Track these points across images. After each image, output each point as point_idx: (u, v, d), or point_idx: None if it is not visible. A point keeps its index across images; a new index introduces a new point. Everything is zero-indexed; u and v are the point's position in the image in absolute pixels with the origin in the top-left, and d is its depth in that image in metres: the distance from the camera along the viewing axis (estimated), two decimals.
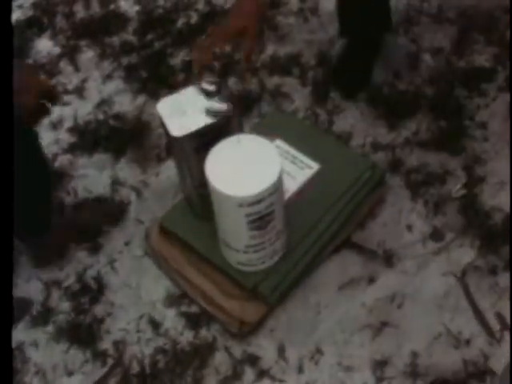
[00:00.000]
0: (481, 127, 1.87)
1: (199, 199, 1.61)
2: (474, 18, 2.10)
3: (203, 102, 1.52)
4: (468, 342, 1.53)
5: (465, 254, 1.67)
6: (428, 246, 1.69)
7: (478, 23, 2.09)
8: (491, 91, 1.93)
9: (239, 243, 1.51)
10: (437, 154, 1.83)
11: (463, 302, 1.60)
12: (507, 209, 1.71)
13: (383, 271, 1.66)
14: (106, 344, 1.61)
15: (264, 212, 1.42)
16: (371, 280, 1.65)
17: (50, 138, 1.97)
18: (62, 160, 1.93)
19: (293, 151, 1.75)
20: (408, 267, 1.66)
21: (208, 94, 1.53)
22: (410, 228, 1.72)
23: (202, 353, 1.57)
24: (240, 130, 1.58)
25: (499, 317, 1.57)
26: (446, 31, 2.09)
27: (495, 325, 1.55)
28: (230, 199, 1.38)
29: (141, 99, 2.04)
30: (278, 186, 1.41)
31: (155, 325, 1.63)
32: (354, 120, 1.92)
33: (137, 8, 2.25)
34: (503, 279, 1.61)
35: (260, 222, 1.44)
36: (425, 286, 1.63)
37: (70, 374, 1.58)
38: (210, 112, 1.45)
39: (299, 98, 1.98)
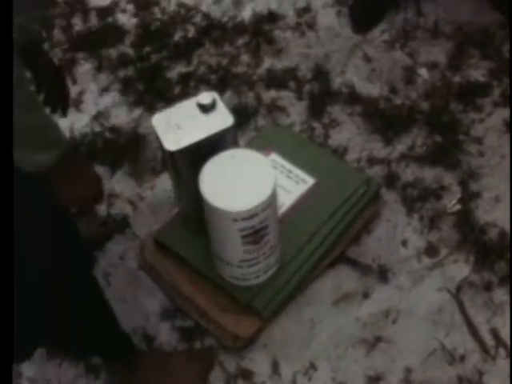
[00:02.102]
0: (476, 142, 1.87)
1: (194, 213, 1.60)
2: (470, 33, 2.11)
3: (198, 117, 1.52)
4: (462, 358, 1.53)
5: (459, 269, 1.66)
6: (423, 262, 1.69)
7: (474, 38, 2.09)
8: (486, 106, 1.94)
9: (233, 257, 1.51)
10: (432, 169, 1.83)
11: (458, 318, 1.59)
12: (502, 224, 1.71)
13: (378, 286, 1.66)
14: (97, 359, 1.60)
15: (258, 227, 1.42)
16: (366, 295, 1.65)
17: None
18: None
19: (288, 165, 1.75)
20: (403, 282, 1.66)
21: (203, 109, 1.53)
22: (404, 243, 1.72)
23: None
24: (235, 144, 1.58)
25: (494, 333, 1.56)
26: (442, 46, 2.10)
27: (490, 341, 1.55)
28: (223, 214, 1.38)
29: (137, 112, 2.04)
30: (271, 201, 1.40)
31: (149, 339, 1.62)
32: (349, 134, 1.92)
33: (134, 21, 2.26)
34: (498, 295, 1.61)
35: (254, 236, 1.44)
36: (419, 301, 1.63)
37: None
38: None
39: (295, 111, 1.99)
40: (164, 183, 1.85)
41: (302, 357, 1.57)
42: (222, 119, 1.52)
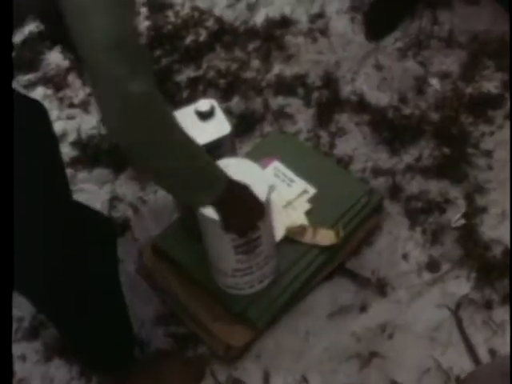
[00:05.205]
0: (485, 155, 1.83)
1: (192, 220, 1.59)
2: (486, 43, 2.06)
3: (196, 124, 1.52)
4: (458, 378, 1.50)
5: (460, 286, 1.63)
6: (423, 277, 1.65)
7: (489, 48, 2.05)
8: (498, 119, 1.89)
9: (227, 267, 1.49)
10: (438, 182, 1.80)
11: (456, 336, 1.56)
12: (507, 241, 1.67)
13: (375, 300, 1.63)
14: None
15: (250, 237, 1.40)
16: (363, 308, 1.62)
17: None
18: None
19: (290, 174, 1.73)
20: (401, 297, 1.63)
21: (202, 116, 1.53)
22: (405, 257, 1.69)
23: None
24: (233, 152, 1.57)
25: (492, 354, 1.52)
26: (456, 56, 2.06)
27: (488, 362, 1.51)
28: (215, 223, 1.36)
29: None
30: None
31: (142, 344, 1.61)
32: (356, 143, 1.90)
33: (147, 23, 2.26)
34: (498, 314, 1.57)
35: (246, 246, 1.42)
36: (417, 317, 1.60)
37: None
38: None
39: (302, 119, 1.96)
40: None
41: (294, 369, 1.55)
42: (219, 127, 1.52)
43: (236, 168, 1.43)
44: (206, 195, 1.21)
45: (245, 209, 1.30)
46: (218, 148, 1.49)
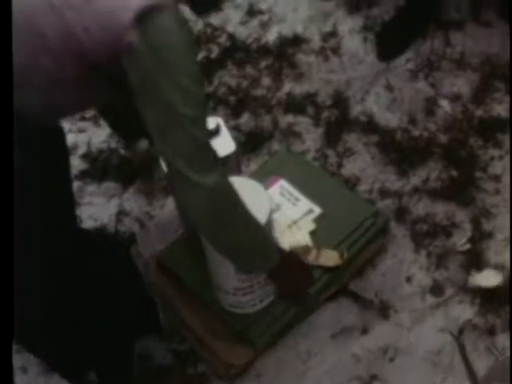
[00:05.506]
0: (493, 180, 1.82)
1: (196, 238, 1.60)
2: (497, 65, 2.05)
3: None
4: None
5: (464, 311, 1.62)
6: (426, 300, 1.64)
7: (501, 71, 2.04)
8: (507, 143, 1.88)
9: (227, 285, 1.50)
10: (445, 205, 1.79)
11: (458, 362, 1.55)
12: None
13: (378, 322, 1.62)
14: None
15: None
16: (365, 330, 1.61)
17: None
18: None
19: (296, 193, 1.73)
20: (404, 320, 1.62)
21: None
22: (409, 280, 1.68)
23: None
24: (238, 170, 1.58)
25: None
26: (467, 78, 2.05)
27: None
28: None
29: None
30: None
31: (143, 358, 1.62)
32: (363, 164, 1.89)
33: None
34: (501, 340, 1.56)
35: None
36: (419, 341, 1.59)
37: None
38: None
39: (311, 138, 1.97)
40: (173, 203, 1.85)
41: None
42: (225, 145, 1.52)
43: (239, 187, 1.43)
44: (265, 264, 1.35)
45: (295, 275, 1.43)
46: (224, 166, 1.49)
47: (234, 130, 1.98)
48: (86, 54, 1.06)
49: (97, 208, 1.89)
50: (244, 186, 1.43)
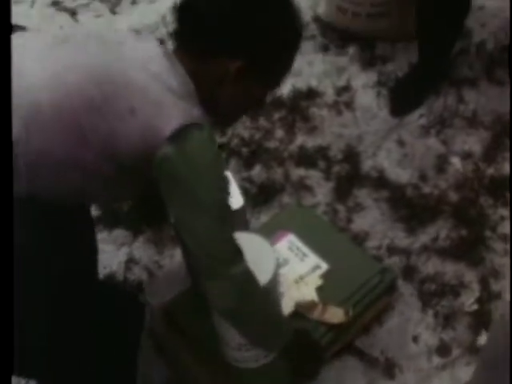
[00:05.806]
0: (502, 240, 1.82)
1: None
2: (508, 124, 2.07)
3: None
4: None
5: (470, 372, 1.59)
6: (433, 360, 1.63)
7: None
8: None
9: (230, 340, 1.49)
10: (454, 264, 1.78)
11: None
12: None
13: (383, 382, 1.61)
14: None
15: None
16: None
17: None
18: None
19: (304, 248, 1.74)
20: (409, 380, 1.61)
21: None
22: (416, 339, 1.67)
23: None
24: (245, 224, 1.59)
25: None
26: (479, 136, 2.07)
27: None
28: None
29: None
30: (269, 288, 1.39)
31: None
32: (373, 220, 1.90)
33: None
34: None
35: None
36: None
37: None
38: None
39: (321, 192, 1.98)
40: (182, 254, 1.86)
41: None
42: (232, 200, 1.54)
43: (245, 243, 1.44)
44: (278, 341, 1.41)
45: (307, 351, 1.47)
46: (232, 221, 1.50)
47: (246, 181, 2.00)
48: (120, 156, 1.17)
49: (107, 255, 1.91)
50: (250, 242, 1.45)
